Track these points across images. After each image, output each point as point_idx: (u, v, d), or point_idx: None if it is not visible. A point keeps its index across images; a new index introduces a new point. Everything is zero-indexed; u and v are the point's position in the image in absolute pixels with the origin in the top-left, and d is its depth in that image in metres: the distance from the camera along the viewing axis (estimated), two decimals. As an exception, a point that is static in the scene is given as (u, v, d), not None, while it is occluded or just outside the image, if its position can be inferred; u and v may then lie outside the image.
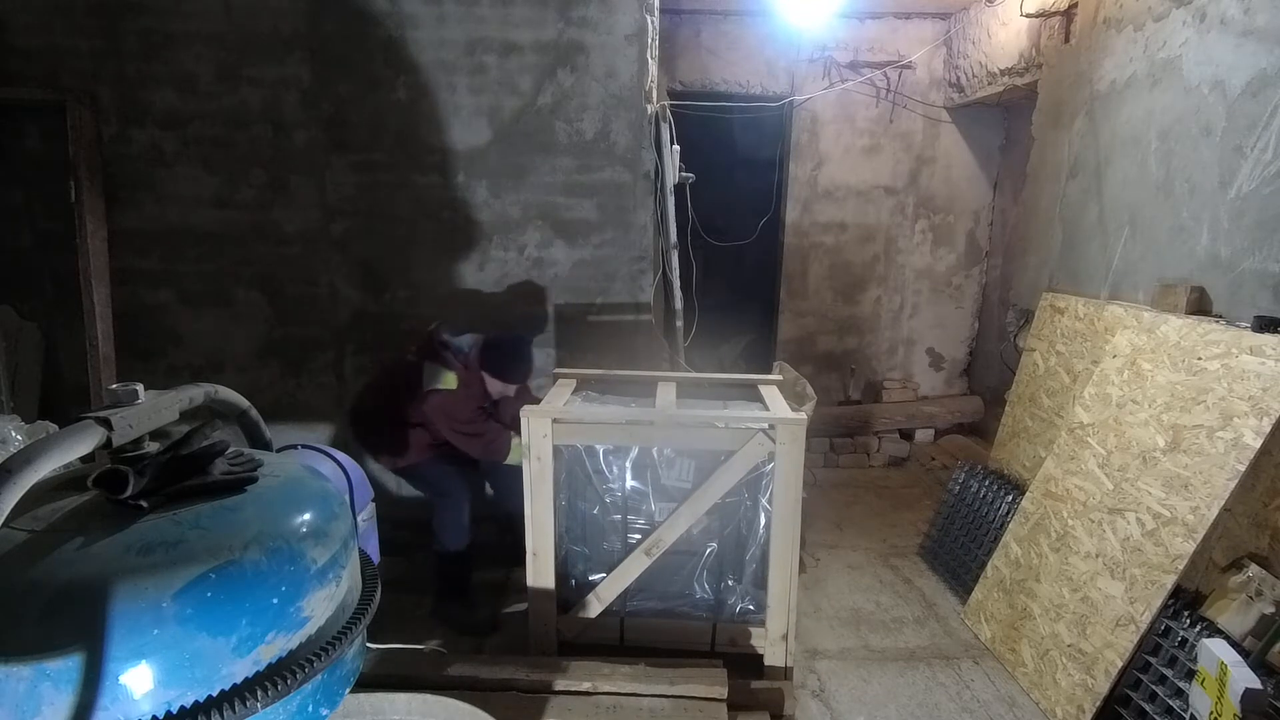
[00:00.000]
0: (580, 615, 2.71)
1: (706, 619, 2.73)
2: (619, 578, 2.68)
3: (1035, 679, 2.73)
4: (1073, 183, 3.68)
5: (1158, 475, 2.51)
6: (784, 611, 2.63)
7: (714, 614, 2.73)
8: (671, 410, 2.65)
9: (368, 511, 2.74)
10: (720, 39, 5.11)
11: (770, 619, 2.65)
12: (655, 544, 2.64)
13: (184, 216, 3.46)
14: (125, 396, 1.24)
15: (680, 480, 2.64)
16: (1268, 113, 2.50)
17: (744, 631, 2.71)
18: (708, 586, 2.72)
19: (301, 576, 1.17)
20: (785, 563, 2.59)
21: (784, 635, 2.65)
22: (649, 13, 3.38)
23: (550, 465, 2.59)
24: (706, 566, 2.70)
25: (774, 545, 2.58)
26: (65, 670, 0.97)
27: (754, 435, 2.51)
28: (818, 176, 5.32)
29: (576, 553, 2.74)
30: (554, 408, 2.64)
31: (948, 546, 3.65)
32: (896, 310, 5.58)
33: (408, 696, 1.95)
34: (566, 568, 2.74)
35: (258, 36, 3.32)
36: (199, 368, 3.61)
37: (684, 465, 2.63)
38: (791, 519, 2.55)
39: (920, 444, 5.34)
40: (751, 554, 2.66)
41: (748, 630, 2.70)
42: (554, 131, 3.43)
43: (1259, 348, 2.31)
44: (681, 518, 2.62)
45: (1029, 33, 4.17)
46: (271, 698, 1.07)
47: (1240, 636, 2.21)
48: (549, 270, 3.58)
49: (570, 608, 2.72)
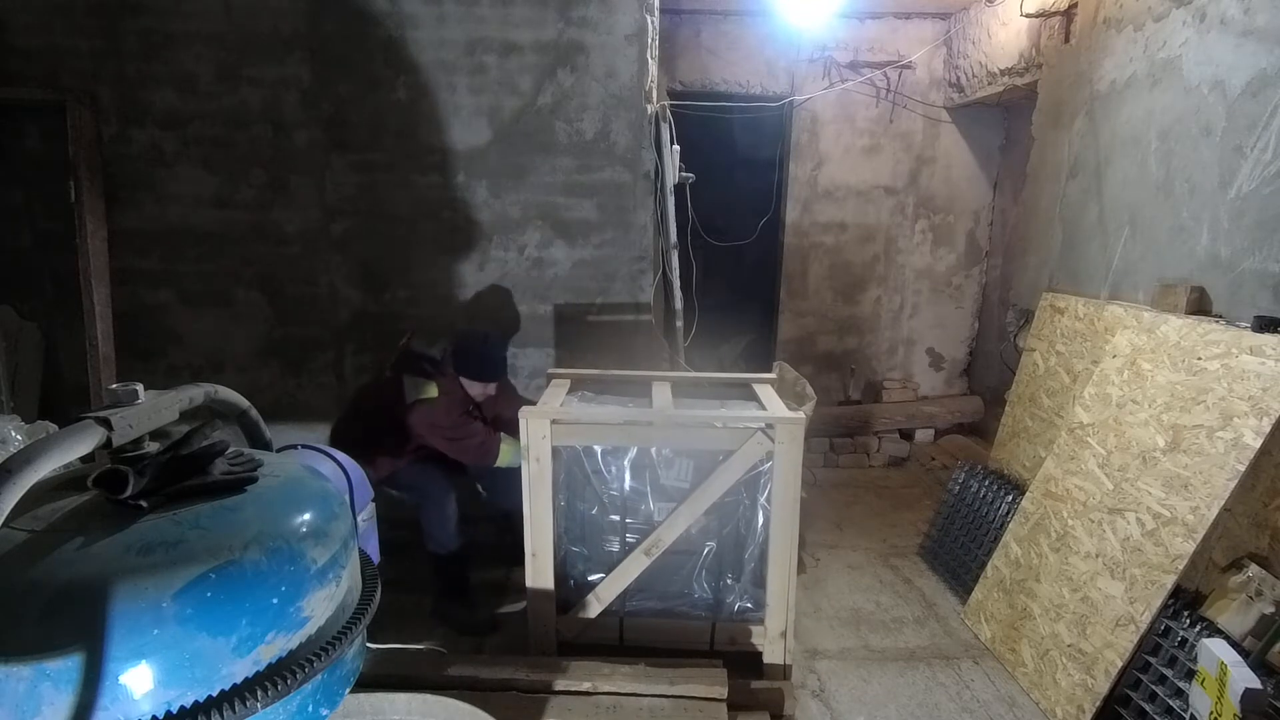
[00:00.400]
0: (580, 615, 2.71)
1: (705, 618, 2.73)
2: (618, 578, 2.68)
3: (1035, 679, 2.73)
4: (1073, 183, 3.68)
5: (1158, 475, 2.51)
6: (783, 609, 2.64)
7: (713, 613, 2.73)
8: (670, 410, 2.64)
9: (368, 511, 2.73)
10: (720, 39, 5.11)
11: (769, 617, 2.65)
12: (655, 544, 2.64)
13: (184, 216, 3.46)
14: (125, 396, 1.24)
15: (679, 480, 2.64)
16: (1268, 113, 2.50)
17: (743, 630, 2.71)
18: (707, 586, 2.72)
19: (301, 576, 1.17)
20: (784, 561, 2.59)
21: (783, 633, 2.65)
22: (649, 13, 3.38)
23: (549, 466, 2.59)
24: (705, 566, 2.70)
25: (773, 544, 2.58)
26: (65, 670, 0.97)
27: (753, 435, 2.51)
28: (818, 176, 5.32)
29: (575, 553, 2.73)
30: (553, 409, 2.64)
31: (948, 546, 3.65)
32: (896, 310, 5.58)
33: (408, 696, 1.95)
34: (566, 568, 2.73)
35: (258, 36, 3.32)
36: (199, 368, 3.61)
37: (682, 465, 2.63)
38: (790, 517, 2.56)
39: (920, 444, 5.33)
40: (750, 553, 2.66)
41: (747, 629, 2.70)
42: (554, 131, 3.43)
43: (1259, 348, 2.31)
44: (680, 517, 2.62)
45: (1029, 33, 4.17)
46: (271, 698, 1.07)
47: (1240, 636, 2.21)
48: (549, 270, 3.58)
49: (569, 608, 2.72)
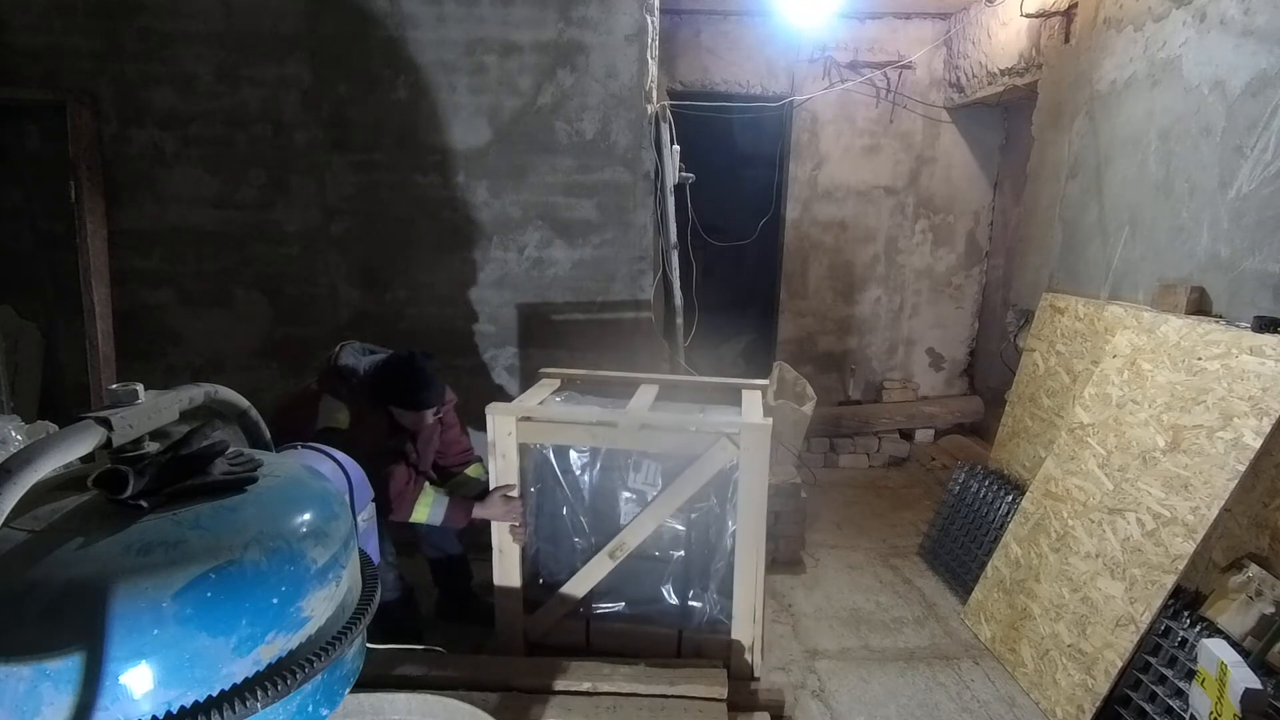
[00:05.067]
0: (546, 615, 2.69)
1: (673, 626, 2.65)
2: (583, 579, 2.63)
3: (1035, 679, 2.73)
4: (1073, 183, 3.68)
5: (1158, 475, 2.51)
6: (750, 622, 2.53)
7: (681, 622, 2.65)
8: (638, 413, 2.59)
9: (368, 511, 2.73)
10: (720, 39, 5.11)
11: (736, 629, 2.56)
12: (619, 546, 2.58)
13: (184, 216, 3.46)
14: (125, 396, 1.24)
15: (647, 483, 2.59)
16: (1268, 113, 2.50)
17: (709, 641, 2.62)
18: (675, 594, 2.66)
19: (301, 576, 1.17)
20: (751, 570, 2.49)
21: (750, 645, 2.56)
22: (649, 13, 3.38)
23: (515, 462, 2.58)
24: (674, 573, 2.64)
25: (739, 553, 2.48)
26: (65, 670, 0.97)
27: (717, 440, 2.44)
28: (818, 176, 5.32)
29: (544, 552, 2.71)
30: (523, 405, 2.62)
31: (948, 546, 3.65)
32: (896, 310, 5.58)
33: (408, 696, 1.95)
34: (536, 566, 2.72)
35: (258, 36, 3.32)
36: (199, 368, 3.61)
37: (651, 468, 2.57)
38: (756, 525, 2.46)
39: (920, 444, 5.34)
40: (719, 562, 2.57)
41: (713, 640, 2.61)
42: (554, 131, 3.43)
43: (1259, 348, 2.31)
44: (645, 521, 2.56)
45: (1029, 33, 4.16)
46: (271, 698, 1.07)
47: (1240, 636, 2.21)
48: (549, 270, 3.58)
49: (537, 608, 2.70)
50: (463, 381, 3.65)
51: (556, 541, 2.70)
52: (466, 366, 3.64)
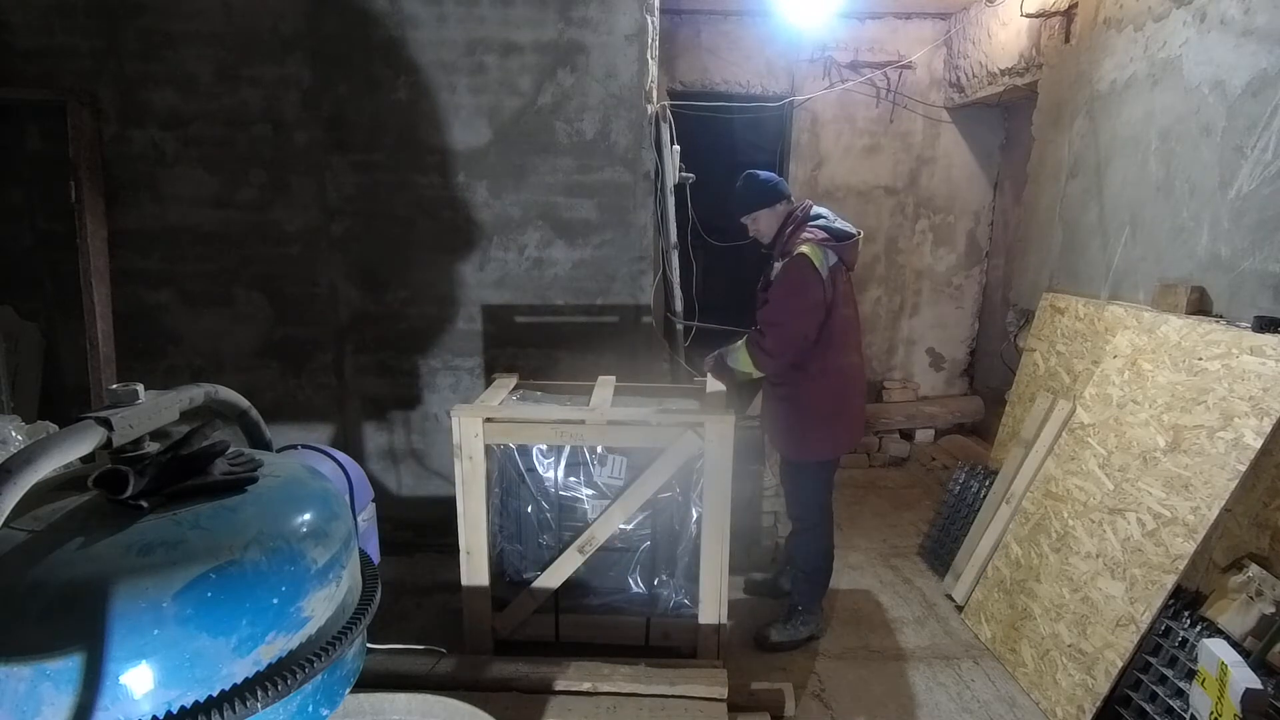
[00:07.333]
0: (515, 612, 2.73)
1: (641, 614, 2.76)
2: (553, 575, 2.70)
3: (1035, 679, 2.73)
4: (1073, 183, 3.68)
5: (1158, 475, 2.51)
6: (715, 604, 2.68)
7: (648, 608, 2.76)
8: (604, 409, 2.65)
9: (368, 511, 2.74)
10: (720, 39, 5.11)
11: (702, 612, 2.69)
12: (588, 541, 2.66)
13: (184, 216, 3.46)
14: (125, 397, 1.24)
15: (613, 477, 2.67)
16: (1268, 113, 2.50)
17: (676, 625, 2.76)
18: (641, 582, 2.75)
19: (302, 577, 1.17)
20: (715, 555, 2.63)
21: (716, 628, 2.70)
22: (649, 13, 3.37)
23: (482, 464, 2.61)
24: (640, 562, 2.74)
25: (705, 539, 2.62)
26: (65, 670, 0.97)
27: (683, 433, 2.54)
28: (818, 176, 5.32)
29: (511, 550, 2.75)
30: (487, 406, 2.66)
31: (948, 546, 3.65)
32: (896, 310, 5.58)
33: (408, 696, 1.95)
34: (502, 565, 2.75)
35: (258, 36, 3.32)
36: (199, 368, 3.61)
37: (616, 462, 2.65)
38: (721, 513, 2.60)
39: (920, 444, 5.33)
40: (683, 548, 2.70)
41: (680, 624, 2.75)
42: (554, 131, 3.43)
43: (1259, 348, 2.31)
44: (613, 515, 2.65)
45: (1029, 33, 4.17)
46: (271, 698, 1.07)
47: (1240, 636, 2.21)
48: (549, 270, 3.58)
49: (505, 605, 2.74)
50: (463, 382, 3.66)
51: (523, 540, 2.74)
52: (467, 367, 3.65)
